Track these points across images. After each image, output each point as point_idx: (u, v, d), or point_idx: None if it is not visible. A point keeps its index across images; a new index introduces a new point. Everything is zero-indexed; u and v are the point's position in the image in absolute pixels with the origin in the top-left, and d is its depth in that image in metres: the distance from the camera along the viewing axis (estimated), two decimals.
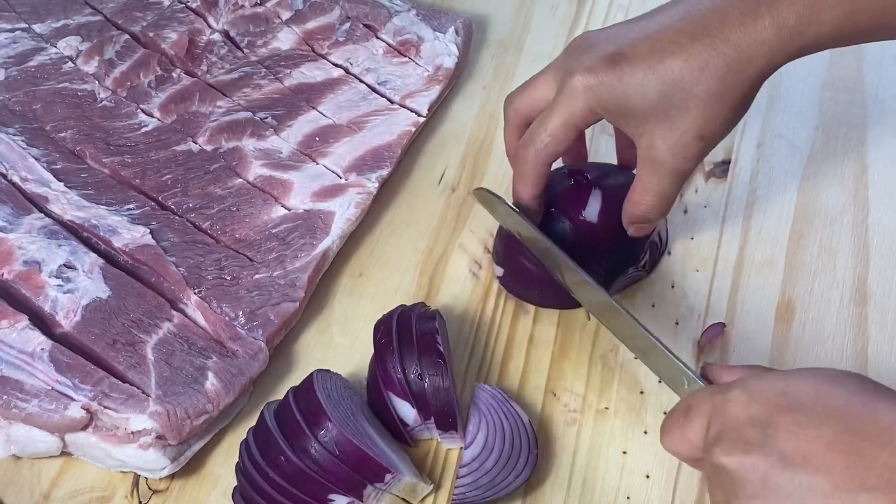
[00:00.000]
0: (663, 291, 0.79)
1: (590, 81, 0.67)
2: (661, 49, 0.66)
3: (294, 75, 0.92)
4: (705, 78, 0.65)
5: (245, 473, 0.65)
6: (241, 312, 0.74)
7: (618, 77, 0.66)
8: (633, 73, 0.66)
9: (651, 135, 0.67)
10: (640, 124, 0.67)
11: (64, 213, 0.79)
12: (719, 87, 0.65)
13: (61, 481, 0.70)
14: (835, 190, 0.86)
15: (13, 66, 0.91)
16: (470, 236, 0.83)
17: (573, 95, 0.68)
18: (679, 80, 0.65)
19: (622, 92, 0.66)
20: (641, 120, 0.67)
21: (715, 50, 0.65)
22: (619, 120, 0.68)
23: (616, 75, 0.66)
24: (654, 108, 0.66)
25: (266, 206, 0.82)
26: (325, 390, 0.66)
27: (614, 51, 0.67)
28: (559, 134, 0.69)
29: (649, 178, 0.69)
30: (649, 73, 0.66)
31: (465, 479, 0.67)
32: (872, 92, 0.93)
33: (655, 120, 0.67)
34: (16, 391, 0.69)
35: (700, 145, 0.67)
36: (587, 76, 0.67)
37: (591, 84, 0.67)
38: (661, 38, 0.66)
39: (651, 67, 0.65)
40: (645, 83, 0.66)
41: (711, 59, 0.65)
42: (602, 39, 0.69)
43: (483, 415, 0.69)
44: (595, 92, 0.67)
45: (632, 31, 0.68)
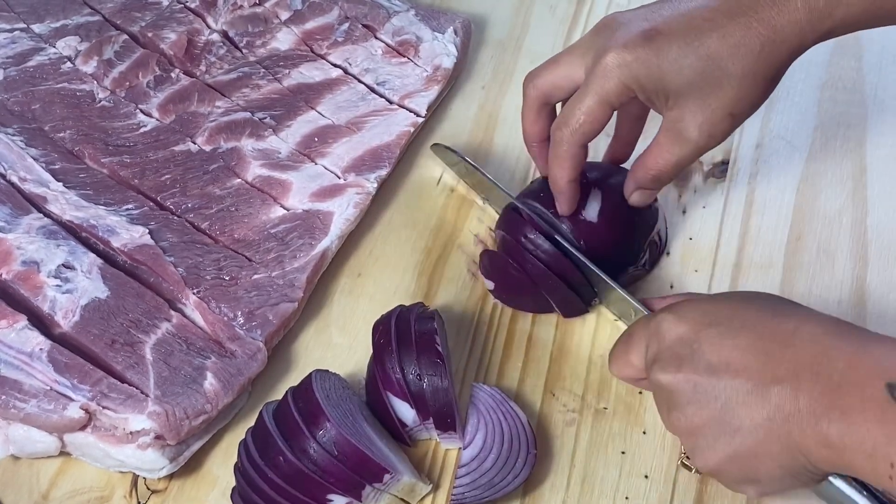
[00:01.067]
0: (663, 291, 0.79)
1: (625, 58, 0.67)
2: (697, 26, 0.67)
3: (293, 75, 0.92)
4: (741, 56, 0.66)
5: (244, 473, 0.65)
6: (240, 312, 0.74)
7: (654, 52, 0.67)
8: (669, 48, 0.67)
9: (681, 109, 0.69)
10: (672, 100, 0.68)
11: (63, 213, 0.79)
12: (754, 65, 0.67)
13: (60, 481, 0.70)
14: (834, 190, 0.86)
15: (12, 66, 0.91)
16: (469, 236, 0.83)
17: (607, 72, 0.68)
18: (715, 56, 0.67)
19: (658, 67, 0.67)
20: (674, 96, 0.68)
21: (750, 29, 0.66)
22: (652, 97, 0.69)
23: (653, 51, 0.67)
24: (688, 85, 0.67)
25: (265, 206, 0.82)
26: (323, 391, 0.66)
27: (649, 27, 0.68)
28: (595, 112, 0.69)
29: (670, 147, 0.71)
30: (686, 49, 0.67)
31: (464, 480, 0.67)
32: (872, 92, 0.93)
33: (688, 96, 0.68)
34: (14, 391, 0.69)
35: (729, 123, 0.69)
36: (622, 52, 0.68)
37: (627, 60, 0.67)
38: (696, 16, 0.67)
39: (688, 44, 0.67)
40: (681, 59, 0.67)
41: (747, 37, 0.66)
42: (633, 18, 0.70)
43: (482, 415, 0.69)
44: (630, 68, 0.68)
45: (664, 10, 0.69)
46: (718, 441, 0.59)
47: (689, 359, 0.60)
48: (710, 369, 0.59)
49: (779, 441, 0.57)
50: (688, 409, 0.60)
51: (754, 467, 0.59)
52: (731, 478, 0.61)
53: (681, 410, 0.61)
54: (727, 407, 0.59)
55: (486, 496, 0.66)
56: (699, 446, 0.61)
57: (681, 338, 0.61)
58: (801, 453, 0.57)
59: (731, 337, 0.60)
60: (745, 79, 0.67)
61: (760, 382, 0.58)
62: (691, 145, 0.70)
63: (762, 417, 0.57)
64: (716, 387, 0.59)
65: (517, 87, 0.93)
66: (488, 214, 0.84)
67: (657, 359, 0.63)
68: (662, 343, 0.63)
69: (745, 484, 0.61)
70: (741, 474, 0.60)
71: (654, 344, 0.63)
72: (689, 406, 0.60)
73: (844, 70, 0.95)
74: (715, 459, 0.60)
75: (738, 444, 0.59)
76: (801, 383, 0.56)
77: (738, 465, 0.60)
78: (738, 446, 0.59)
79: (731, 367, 0.59)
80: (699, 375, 0.60)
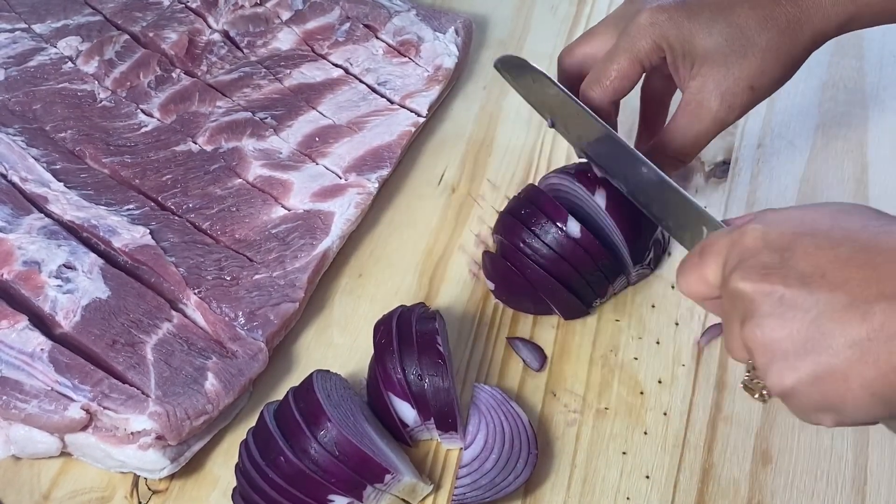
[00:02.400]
0: (663, 291, 0.79)
1: (658, 17, 0.70)
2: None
3: (294, 75, 0.92)
4: (768, 29, 0.69)
5: (245, 474, 0.65)
6: (241, 313, 0.74)
7: (687, 14, 0.70)
8: (701, 12, 0.70)
9: (704, 77, 0.71)
10: (697, 65, 0.71)
11: (64, 214, 0.79)
12: (779, 40, 0.70)
13: (61, 482, 0.70)
14: (835, 190, 0.86)
15: (13, 66, 0.91)
16: (470, 236, 0.83)
17: (640, 30, 0.71)
18: (744, 26, 0.69)
19: (689, 29, 0.70)
20: (699, 60, 0.70)
21: (779, 5, 0.70)
22: (678, 60, 0.71)
23: (685, 12, 0.70)
24: (715, 51, 0.70)
25: (266, 206, 0.82)
26: (324, 391, 0.66)
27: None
28: (625, 69, 0.72)
29: (690, 121, 0.72)
30: (717, 15, 0.70)
31: (465, 480, 0.67)
32: (872, 92, 0.93)
33: (713, 63, 0.70)
34: (15, 392, 0.68)
35: (749, 96, 0.71)
36: (656, 11, 0.71)
37: (660, 19, 0.70)
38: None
39: (720, 10, 0.70)
40: (712, 24, 0.70)
41: (774, 12, 0.69)
42: None
43: (483, 415, 0.69)
44: (662, 27, 0.70)
45: None
46: (802, 358, 0.52)
47: (777, 267, 0.53)
48: (802, 280, 0.52)
49: (876, 364, 0.50)
50: (768, 321, 0.53)
51: (839, 392, 0.52)
52: (808, 402, 0.53)
53: (759, 322, 0.53)
54: (817, 322, 0.51)
55: (488, 496, 0.66)
56: (776, 364, 0.53)
57: (770, 245, 0.54)
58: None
59: (830, 247, 0.53)
60: (769, 52, 0.70)
61: (862, 297, 0.51)
62: (710, 116, 0.71)
63: (860, 336, 0.50)
64: (807, 299, 0.52)
65: None
66: (490, 214, 0.84)
67: (738, 267, 0.55)
68: (747, 251, 0.55)
69: (824, 411, 0.53)
70: (822, 399, 0.53)
71: (735, 254, 0.56)
72: (771, 318, 0.53)
73: (845, 70, 0.95)
74: (793, 379, 0.52)
75: (825, 363, 0.51)
76: None
77: (821, 388, 0.52)
78: (826, 366, 0.51)
79: (827, 279, 0.52)
80: (788, 286, 0.52)
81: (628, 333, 0.77)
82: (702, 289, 0.59)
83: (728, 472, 0.70)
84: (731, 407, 0.73)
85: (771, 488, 0.69)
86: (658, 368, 0.75)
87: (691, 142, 0.73)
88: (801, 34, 0.70)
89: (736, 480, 0.70)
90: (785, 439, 0.71)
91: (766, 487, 0.69)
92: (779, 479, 0.70)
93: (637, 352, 0.76)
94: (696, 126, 0.72)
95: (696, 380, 0.74)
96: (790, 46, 0.70)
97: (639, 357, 0.76)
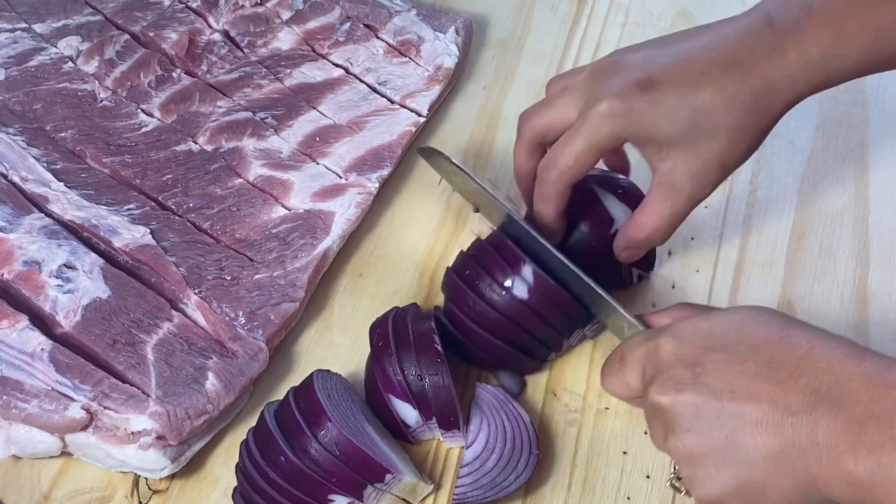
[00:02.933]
0: (663, 291, 0.79)
1: (619, 107, 0.67)
2: (692, 79, 0.67)
3: (294, 75, 0.92)
4: (734, 109, 0.66)
5: (245, 473, 0.65)
6: (242, 312, 0.74)
7: (649, 103, 0.67)
8: (664, 99, 0.66)
9: (673, 160, 0.68)
10: (664, 150, 0.68)
11: (64, 213, 0.79)
12: (746, 118, 0.67)
13: (61, 481, 0.70)
14: (835, 190, 0.86)
15: (13, 66, 0.91)
16: (470, 236, 0.83)
17: (600, 120, 0.68)
18: (709, 109, 0.66)
19: (652, 118, 0.67)
20: (666, 146, 0.68)
21: (745, 83, 0.66)
22: (644, 145, 0.69)
23: (647, 102, 0.67)
24: (681, 136, 0.67)
25: (266, 206, 0.82)
26: (325, 390, 0.66)
27: (644, 77, 0.67)
28: (583, 158, 0.69)
29: (663, 203, 0.70)
30: (681, 102, 0.66)
31: (466, 479, 0.67)
32: (872, 92, 0.93)
33: (680, 147, 0.67)
34: (16, 391, 0.68)
35: (720, 173, 0.69)
36: (616, 101, 0.67)
37: (621, 110, 0.67)
38: (692, 68, 0.67)
39: (683, 96, 0.66)
40: (676, 111, 0.66)
41: (741, 91, 0.66)
42: (630, 64, 0.69)
43: (485, 415, 0.69)
44: (623, 118, 0.67)
45: (661, 58, 0.68)
46: (721, 472, 0.56)
47: (690, 383, 0.57)
48: (714, 395, 0.56)
49: (792, 475, 0.54)
50: (687, 436, 0.57)
51: (760, 502, 0.56)
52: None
53: (679, 437, 0.57)
54: (733, 437, 0.55)
55: (489, 496, 0.66)
56: (699, 476, 0.57)
57: (682, 361, 0.58)
58: (818, 488, 0.54)
59: (737, 363, 0.56)
60: (737, 132, 0.67)
61: (771, 412, 0.54)
62: (684, 195, 0.69)
63: (774, 450, 0.54)
64: (720, 414, 0.55)
65: (518, 88, 0.94)
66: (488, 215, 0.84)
67: (655, 380, 0.59)
68: (661, 365, 0.59)
69: None
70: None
71: (651, 364, 0.60)
72: (689, 433, 0.57)
73: None
74: (716, 491, 0.56)
75: (744, 476, 0.55)
76: (819, 416, 0.53)
77: (743, 499, 0.56)
78: (745, 479, 0.55)
79: (737, 394, 0.55)
80: (701, 401, 0.56)
81: None
82: (624, 391, 0.64)
83: None
84: None
85: None
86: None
87: (667, 222, 0.71)
88: (770, 108, 0.67)
89: None
90: None
91: None
92: None
93: None
94: (670, 205, 0.70)
95: None
96: (758, 121, 0.67)
97: None
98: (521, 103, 0.80)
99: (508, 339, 0.71)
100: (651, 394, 0.59)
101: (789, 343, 0.56)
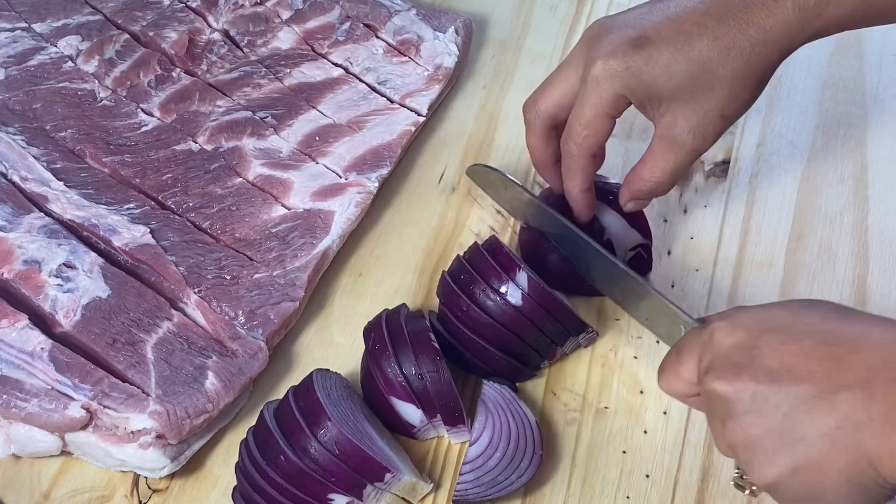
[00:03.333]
0: (664, 290, 0.79)
1: (615, 67, 0.67)
2: (686, 31, 0.67)
3: (294, 75, 0.92)
4: (731, 58, 0.67)
5: (245, 473, 0.65)
6: (241, 312, 0.74)
7: (644, 60, 0.67)
8: (659, 55, 0.67)
9: (673, 115, 0.69)
10: (664, 105, 0.68)
11: (64, 213, 0.79)
12: (744, 67, 0.67)
13: (61, 481, 0.70)
14: (835, 190, 0.86)
15: (13, 66, 0.91)
16: (470, 236, 0.83)
17: (599, 84, 0.68)
18: (706, 60, 0.67)
19: (649, 75, 0.67)
20: (665, 101, 0.68)
21: (740, 31, 0.66)
22: (644, 103, 0.69)
23: (642, 58, 0.67)
24: (679, 90, 0.67)
25: (266, 205, 0.82)
26: (324, 389, 0.66)
27: (637, 35, 0.67)
28: (594, 125, 0.70)
29: (664, 156, 0.70)
30: (677, 55, 0.67)
31: (468, 476, 0.67)
32: (872, 92, 0.93)
33: (679, 101, 0.68)
34: (16, 391, 0.69)
35: (721, 125, 0.69)
36: (611, 61, 0.67)
37: (617, 70, 0.67)
38: (685, 21, 0.67)
39: (678, 49, 0.67)
40: (672, 65, 0.67)
41: (737, 40, 0.66)
42: (620, 24, 0.69)
43: (490, 413, 0.69)
44: (621, 77, 0.67)
45: (652, 15, 0.68)
46: (779, 453, 0.55)
47: (747, 366, 0.57)
48: (770, 376, 0.55)
49: (847, 452, 0.53)
50: (745, 418, 0.56)
51: (818, 481, 0.55)
52: (791, 494, 0.56)
53: (737, 421, 0.56)
54: (790, 416, 0.54)
55: (489, 494, 0.66)
56: (757, 460, 0.56)
57: (738, 345, 0.58)
58: (871, 466, 0.53)
59: (793, 342, 0.56)
60: (736, 80, 0.67)
61: (827, 389, 0.54)
62: (686, 149, 0.70)
63: (829, 426, 0.53)
64: (777, 394, 0.55)
65: (518, 87, 0.94)
66: (489, 214, 0.84)
67: (711, 368, 0.58)
68: (717, 351, 0.58)
69: (807, 501, 0.56)
70: (803, 490, 0.56)
71: (707, 354, 0.59)
72: (747, 416, 0.56)
73: (845, 70, 0.95)
74: (775, 473, 0.56)
75: (801, 455, 0.54)
76: (875, 390, 0.52)
77: (801, 479, 0.55)
78: (802, 458, 0.54)
79: (793, 373, 0.55)
80: (758, 383, 0.56)
81: (628, 333, 0.77)
82: (681, 387, 0.63)
83: (728, 472, 0.70)
84: None
85: None
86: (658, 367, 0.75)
87: (668, 174, 0.71)
88: (768, 55, 0.67)
89: None
90: None
91: None
92: None
93: (637, 351, 0.76)
94: (671, 159, 0.70)
95: None
96: (756, 70, 0.67)
97: (638, 356, 0.76)
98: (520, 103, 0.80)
99: (501, 345, 0.71)
100: (708, 382, 0.58)
101: (845, 322, 0.56)
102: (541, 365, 0.74)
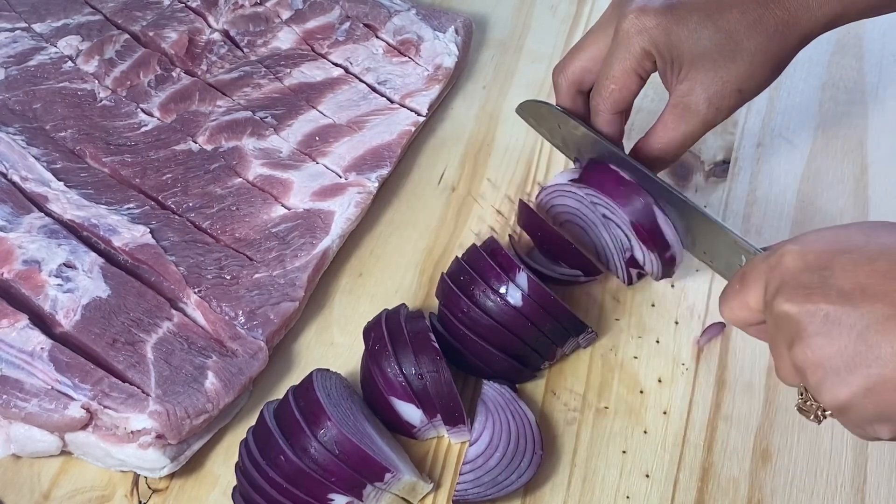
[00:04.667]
0: (663, 291, 0.79)
1: (645, 22, 0.69)
2: (718, 0, 0.69)
3: (294, 75, 0.92)
4: (756, 33, 0.69)
5: (245, 473, 0.65)
6: (241, 312, 0.74)
7: (675, 19, 0.69)
8: (689, 17, 0.69)
9: (692, 81, 0.70)
10: (685, 69, 0.70)
11: (64, 213, 0.79)
12: (767, 43, 0.69)
13: (61, 480, 0.70)
14: (835, 190, 0.86)
15: (13, 66, 0.91)
16: (470, 236, 0.83)
17: (629, 37, 0.70)
18: (733, 31, 0.69)
19: (677, 35, 0.69)
20: (687, 65, 0.70)
21: (767, 9, 0.69)
22: (667, 65, 0.71)
23: (673, 18, 0.69)
24: (703, 55, 0.69)
25: (266, 205, 0.82)
26: (324, 389, 0.66)
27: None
28: (621, 79, 0.71)
29: (676, 124, 0.72)
30: (706, 20, 0.69)
31: (468, 476, 0.67)
32: (873, 92, 0.93)
33: (701, 67, 0.70)
34: (16, 390, 0.69)
35: (737, 98, 0.71)
36: (642, 17, 0.69)
37: (647, 25, 0.69)
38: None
39: (708, 16, 0.69)
40: (700, 29, 0.69)
41: (763, 16, 0.69)
42: None
43: (490, 413, 0.69)
44: (650, 33, 0.69)
45: None
46: (853, 372, 0.53)
47: (818, 286, 0.55)
48: (844, 296, 0.54)
49: None
50: (816, 340, 0.54)
51: (893, 401, 0.53)
52: (863, 415, 0.55)
53: (807, 343, 0.54)
54: (864, 336, 0.53)
55: (489, 494, 0.66)
56: (829, 381, 0.54)
57: (808, 266, 0.56)
58: None
59: (867, 262, 0.54)
60: (758, 55, 0.69)
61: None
62: (699, 119, 0.71)
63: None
64: (850, 315, 0.53)
65: (518, 87, 0.94)
66: (490, 213, 0.84)
67: (780, 291, 0.56)
68: (787, 274, 0.56)
69: (880, 422, 0.55)
70: (876, 410, 0.54)
71: (775, 278, 0.57)
72: (818, 337, 0.54)
73: (845, 70, 0.95)
74: (847, 393, 0.54)
75: (876, 374, 0.53)
76: None
77: (875, 400, 0.53)
78: (877, 377, 0.53)
79: (867, 292, 0.53)
80: (831, 304, 0.54)
81: (628, 332, 0.77)
82: (745, 314, 0.60)
83: (728, 471, 0.70)
84: (731, 406, 0.73)
85: (771, 487, 0.69)
86: (658, 367, 0.75)
87: (678, 142, 0.73)
88: (790, 37, 0.70)
89: (735, 479, 0.70)
90: (784, 438, 0.71)
91: (765, 486, 0.69)
92: (778, 478, 0.70)
93: (637, 351, 0.76)
94: (683, 127, 0.72)
95: (696, 379, 0.74)
96: (778, 49, 0.70)
97: (638, 356, 0.76)
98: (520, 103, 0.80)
99: (502, 346, 0.71)
100: (777, 305, 0.56)
101: None
102: (541, 365, 0.74)
